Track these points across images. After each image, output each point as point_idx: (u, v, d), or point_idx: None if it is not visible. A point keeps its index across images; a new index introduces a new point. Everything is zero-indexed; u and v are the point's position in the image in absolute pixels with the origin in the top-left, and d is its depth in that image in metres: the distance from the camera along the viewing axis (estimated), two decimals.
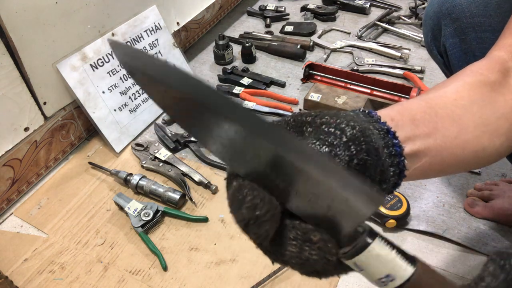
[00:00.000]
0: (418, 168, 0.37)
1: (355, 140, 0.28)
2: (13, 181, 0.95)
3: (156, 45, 1.20)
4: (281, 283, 0.79)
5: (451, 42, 0.69)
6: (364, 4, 1.60)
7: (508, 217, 0.84)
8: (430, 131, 0.37)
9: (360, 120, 0.30)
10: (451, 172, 0.42)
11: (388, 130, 0.33)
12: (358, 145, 0.29)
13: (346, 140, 0.28)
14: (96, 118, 1.04)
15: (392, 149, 0.32)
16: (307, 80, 1.30)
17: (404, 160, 0.33)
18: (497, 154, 0.43)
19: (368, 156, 0.29)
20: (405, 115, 0.37)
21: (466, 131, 0.39)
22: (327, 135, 0.28)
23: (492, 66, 0.45)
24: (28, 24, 0.88)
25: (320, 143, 0.28)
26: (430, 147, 0.37)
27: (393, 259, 0.24)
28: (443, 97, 0.41)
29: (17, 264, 0.84)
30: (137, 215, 0.89)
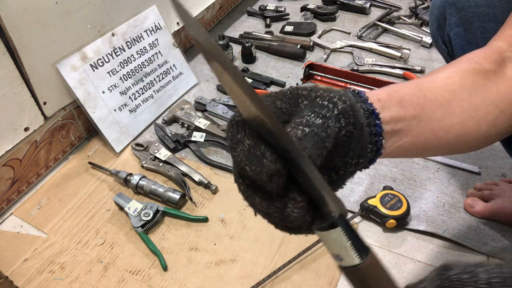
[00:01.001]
0: (399, 147, 0.39)
1: (345, 114, 0.31)
2: (13, 181, 0.95)
3: (156, 45, 1.20)
4: (281, 283, 0.79)
5: (456, 31, 0.70)
6: (364, 4, 1.60)
7: (508, 217, 0.84)
8: (416, 113, 0.39)
9: (350, 97, 0.32)
10: (434, 153, 0.44)
11: (372, 111, 0.35)
12: (347, 118, 0.31)
13: (337, 113, 0.30)
14: (96, 118, 1.04)
15: (373, 128, 0.35)
16: (307, 80, 1.30)
17: (382, 140, 0.36)
18: (482, 139, 0.44)
19: (355, 130, 0.31)
20: (393, 97, 0.39)
21: (452, 115, 0.41)
22: (321, 108, 0.30)
23: (489, 55, 0.46)
24: (28, 24, 0.88)
25: (314, 115, 0.30)
26: (413, 128, 0.39)
27: (345, 247, 0.28)
28: (435, 82, 0.43)
29: (17, 264, 0.84)
30: (137, 215, 0.89)
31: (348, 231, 0.29)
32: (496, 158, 0.99)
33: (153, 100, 1.19)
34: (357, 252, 0.28)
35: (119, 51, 1.11)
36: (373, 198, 0.87)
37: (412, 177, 0.97)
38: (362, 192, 0.94)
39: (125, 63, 1.12)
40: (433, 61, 1.34)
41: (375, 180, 0.96)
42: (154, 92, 1.19)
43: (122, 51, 1.11)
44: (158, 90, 1.20)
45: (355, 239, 0.29)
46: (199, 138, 1.07)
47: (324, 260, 0.81)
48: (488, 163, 0.98)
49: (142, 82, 1.16)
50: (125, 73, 1.12)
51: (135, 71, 1.15)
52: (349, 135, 0.31)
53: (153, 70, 1.19)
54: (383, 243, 0.84)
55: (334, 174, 0.34)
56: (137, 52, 1.15)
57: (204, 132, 1.09)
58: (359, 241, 0.29)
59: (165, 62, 1.23)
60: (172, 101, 1.24)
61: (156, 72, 1.20)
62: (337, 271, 0.80)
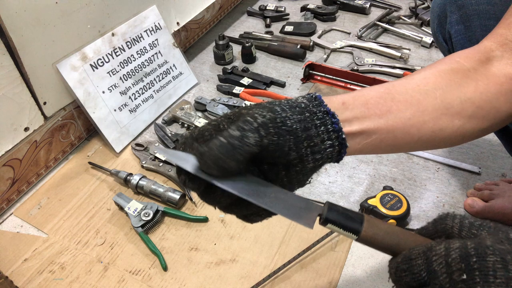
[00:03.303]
0: (369, 143, 0.42)
1: (263, 126, 0.36)
2: (13, 181, 0.95)
3: (156, 45, 1.20)
4: (281, 283, 0.79)
5: (456, 29, 0.70)
6: (364, 4, 1.60)
7: (508, 217, 0.83)
8: (381, 113, 0.42)
9: (275, 110, 0.38)
10: (409, 148, 0.46)
11: (327, 111, 0.40)
12: (266, 129, 0.36)
13: (256, 126, 0.36)
14: (96, 118, 1.04)
15: (330, 126, 0.39)
16: (307, 80, 1.30)
17: (342, 135, 0.40)
18: (457, 135, 0.46)
19: (279, 137, 0.37)
20: (358, 100, 0.42)
21: (423, 113, 0.43)
22: (243, 123, 0.36)
23: (473, 54, 0.47)
24: (28, 24, 0.88)
25: (234, 128, 0.35)
26: (380, 126, 0.42)
27: (341, 232, 0.37)
28: (407, 84, 0.45)
29: (17, 264, 0.84)
30: (137, 215, 0.89)
31: (337, 221, 0.37)
32: (496, 158, 0.99)
33: (153, 100, 1.19)
34: (351, 232, 0.36)
35: (119, 51, 1.11)
36: (373, 198, 0.87)
37: (412, 177, 0.97)
38: (362, 192, 0.94)
39: (125, 63, 1.12)
40: (433, 61, 1.34)
41: (375, 180, 0.96)
42: (154, 92, 1.19)
43: (122, 51, 1.11)
44: (158, 90, 1.20)
45: (345, 224, 0.36)
46: None
47: (324, 260, 0.81)
48: (488, 163, 0.99)
49: (142, 82, 1.16)
50: (125, 73, 1.12)
51: (135, 71, 1.15)
52: (275, 142, 0.37)
53: (153, 70, 1.19)
54: None
55: (293, 171, 0.39)
56: (137, 52, 1.15)
57: None
58: (349, 223, 0.36)
59: (165, 62, 1.23)
60: (172, 101, 1.24)
61: (156, 72, 1.20)
62: (337, 271, 0.80)
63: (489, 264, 0.29)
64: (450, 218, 0.35)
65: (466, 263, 0.30)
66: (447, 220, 0.35)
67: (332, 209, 0.37)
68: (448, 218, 0.35)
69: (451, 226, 0.35)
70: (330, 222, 0.37)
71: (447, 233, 0.35)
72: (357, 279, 0.79)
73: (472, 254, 0.30)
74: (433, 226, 0.36)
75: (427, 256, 0.32)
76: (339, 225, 0.37)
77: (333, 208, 0.38)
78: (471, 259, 0.30)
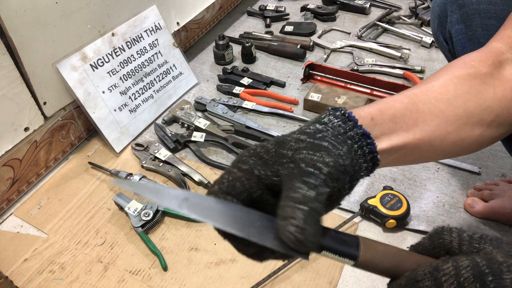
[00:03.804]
0: (395, 158, 0.41)
1: (331, 176, 0.33)
2: (13, 181, 0.95)
3: (156, 45, 1.20)
4: (281, 283, 0.79)
5: (457, 28, 0.70)
6: (364, 4, 1.60)
7: (508, 217, 0.84)
8: (409, 127, 0.41)
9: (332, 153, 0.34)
10: (429, 160, 0.45)
11: (363, 133, 0.37)
12: (334, 180, 0.34)
13: (324, 179, 0.33)
14: (96, 118, 1.04)
15: (366, 148, 0.37)
16: (307, 80, 1.30)
17: (377, 156, 0.38)
18: (476, 143, 0.45)
19: (339, 182, 0.34)
20: (385, 114, 0.40)
21: (446, 123, 0.42)
22: (308, 176, 0.33)
23: (486, 58, 0.46)
24: (28, 24, 0.88)
25: (305, 187, 0.32)
26: (407, 141, 0.41)
27: (338, 258, 0.34)
28: (428, 92, 0.43)
29: (17, 264, 0.84)
30: (137, 215, 0.89)
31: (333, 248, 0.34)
32: (496, 158, 0.99)
33: (153, 100, 1.19)
34: (348, 258, 0.34)
35: (119, 51, 1.11)
36: (373, 198, 0.87)
37: (412, 177, 0.97)
38: (362, 192, 0.94)
39: (125, 63, 1.12)
40: (433, 61, 1.34)
41: (375, 180, 0.96)
42: (154, 92, 1.19)
43: (122, 51, 1.11)
44: (158, 90, 1.20)
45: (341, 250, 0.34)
46: (199, 138, 1.07)
47: (324, 260, 0.81)
48: (488, 163, 0.99)
49: (142, 82, 1.16)
50: (125, 73, 1.12)
51: (135, 71, 1.15)
52: (336, 186, 0.34)
53: (153, 70, 1.19)
54: None
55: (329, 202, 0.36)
56: (137, 52, 1.15)
57: (204, 132, 1.09)
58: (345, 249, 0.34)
59: (165, 62, 1.23)
60: (172, 101, 1.24)
61: (156, 72, 1.20)
62: (337, 271, 0.80)
63: (506, 283, 0.27)
64: (447, 232, 0.34)
65: (481, 282, 0.27)
66: (444, 234, 0.33)
67: (326, 234, 0.34)
68: (445, 232, 0.34)
69: (449, 241, 0.33)
70: (325, 249, 0.34)
71: (446, 248, 0.33)
72: (357, 279, 0.79)
73: (486, 273, 0.28)
74: (430, 241, 0.34)
75: (435, 277, 0.30)
76: (335, 252, 0.34)
77: (326, 233, 0.34)
78: (486, 278, 0.27)
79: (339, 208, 0.90)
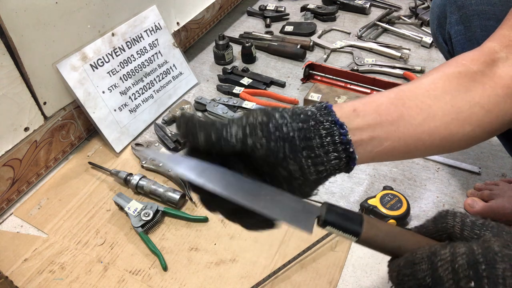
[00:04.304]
0: (381, 151, 0.41)
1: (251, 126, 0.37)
2: (13, 181, 0.95)
3: (156, 45, 1.20)
4: (281, 283, 0.79)
5: (456, 29, 0.70)
6: (364, 4, 1.60)
7: (508, 217, 0.84)
8: (393, 119, 0.41)
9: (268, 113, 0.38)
10: (421, 154, 0.45)
11: (335, 121, 0.38)
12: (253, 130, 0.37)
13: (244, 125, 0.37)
14: (96, 118, 1.04)
15: (337, 137, 0.38)
16: (307, 80, 1.30)
17: (350, 148, 0.38)
18: (467, 139, 0.45)
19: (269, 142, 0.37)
20: (369, 106, 0.41)
21: (433, 119, 0.43)
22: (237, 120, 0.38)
23: (478, 57, 0.47)
24: (28, 24, 0.88)
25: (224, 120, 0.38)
26: (391, 133, 0.41)
27: (341, 234, 0.36)
28: (416, 89, 0.44)
29: (17, 264, 0.84)
30: (137, 215, 0.89)
31: (337, 223, 0.36)
32: (496, 158, 0.99)
33: (153, 100, 1.19)
34: (351, 234, 0.35)
35: (119, 51, 1.11)
36: (373, 198, 0.87)
37: (412, 177, 0.97)
38: (362, 192, 0.94)
39: (125, 63, 1.12)
40: (433, 61, 1.34)
41: (375, 180, 0.96)
42: (154, 92, 1.19)
43: (122, 51, 1.11)
44: (158, 90, 1.20)
45: (345, 226, 0.36)
46: None
47: (324, 260, 0.81)
48: (488, 163, 0.99)
49: (142, 82, 1.16)
50: (125, 73, 1.12)
51: (135, 71, 1.15)
52: (264, 144, 0.37)
53: (153, 70, 1.19)
54: None
55: (294, 182, 0.39)
56: (137, 52, 1.15)
57: None
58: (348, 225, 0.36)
59: (165, 62, 1.23)
60: (172, 101, 1.24)
61: (156, 72, 1.20)
62: (337, 271, 0.80)
63: (498, 272, 0.29)
64: (451, 216, 0.35)
65: (475, 270, 0.29)
66: (448, 218, 0.35)
67: (331, 210, 0.36)
68: (449, 216, 0.35)
69: (452, 225, 0.34)
70: (329, 224, 0.36)
71: (448, 232, 0.35)
72: (357, 279, 0.79)
73: (480, 261, 0.29)
74: (434, 224, 0.36)
75: (432, 261, 0.31)
76: (338, 227, 0.36)
77: (331, 209, 0.36)
78: (479, 266, 0.29)
79: None
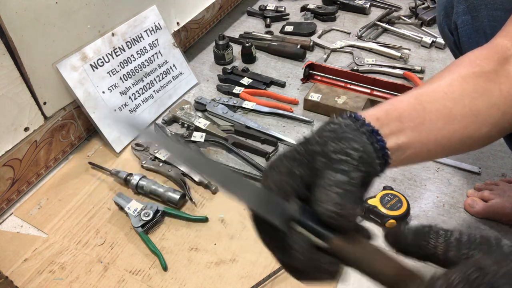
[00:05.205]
0: (404, 158, 0.41)
1: (362, 161, 0.35)
2: (13, 181, 0.95)
3: (156, 45, 1.20)
4: (281, 283, 0.79)
5: (463, 19, 0.70)
6: (364, 4, 1.60)
7: (508, 217, 0.84)
8: (415, 126, 0.41)
9: (360, 140, 0.36)
10: (437, 157, 0.46)
11: (372, 130, 0.38)
12: (365, 165, 0.35)
13: (356, 164, 0.35)
14: (96, 118, 1.04)
15: (376, 144, 0.37)
16: (307, 80, 1.30)
17: (387, 152, 0.38)
18: (484, 140, 0.45)
19: (369, 167, 0.36)
20: (391, 114, 0.41)
21: (453, 122, 0.42)
22: (338, 163, 0.34)
23: (491, 55, 0.46)
24: (28, 24, 0.88)
25: (337, 174, 0.34)
26: (415, 140, 0.41)
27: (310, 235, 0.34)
28: (434, 92, 0.44)
29: (17, 264, 0.84)
30: (137, 215, 0.89)
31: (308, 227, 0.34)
32: (496, 158, 0.99)
33: (153, 100, 1.19)
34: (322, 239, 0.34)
35: (119, 51, 1.11)
36: (373, 198, 0.87)
37: (412, 177, 0.97)
38: None
39: (125, 63, 1.12)
40: (433, 61, 1.34)
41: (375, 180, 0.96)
42: (154, 92, 1.19)
43: (122, 51, 1.11)
44: (158, 90, 1.20)
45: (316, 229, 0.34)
46: (199, 138, 1.07)
47: None
48: (488, 163, 0.99)
49: (142, 82, 1.16)
50: (125, 73, 1.12)
51: (135, 71, 1.15)
52: (369, 170, 0.36)
53: (153, 70, 1.19)
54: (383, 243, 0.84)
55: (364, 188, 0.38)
56: (137, 52, 1.15)
57: (204, 132, 1.09)
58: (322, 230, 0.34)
59: (165, 62, 1.23)
60: (172, 101, 1.24)
61: (156, 72, 1.20)
62: None
63: None
64: (433, 235, 0.32)
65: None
66: (431, 237, 0.32)
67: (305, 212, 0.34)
68: (432, 235, 0.32)
69: (434, 246, 0.32)
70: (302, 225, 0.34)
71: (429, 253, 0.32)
72: (357, 279, 0.79)
73: None
74: (414, 240, 0.33)
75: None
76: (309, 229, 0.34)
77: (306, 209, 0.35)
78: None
79: None
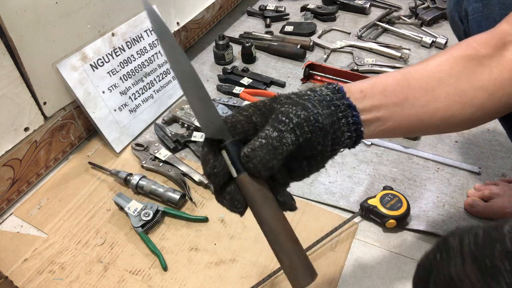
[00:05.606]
0: (384, 130, 0.44)
1: (299, 126, 0.38)
2: (13, 181, 0.95)
3: (156, 45, 1.20)
4: (281, 283, 0.79)
5: (474, 6, 0.70)
6: (364, 4, 1.60)
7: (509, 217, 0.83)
8: (398, 101, 0.44)
9: (308, 108, 0.39)
10: (419, 133, 0.51)
11: (349, 104, 0.41)
12: (301, 129, 0.38)
13: (292, 127, 0.38)
14: (96, 118, 1.04)
15: (350, 119, 0.41)
16: (307, 80, 1.30)
17: (360, 128, 0.42)
18: (468, 121, 0.47)
19: (312, 134, 0.39)
20: (376, 87, 0.44)
21: (436, 100, 0.44)
22: (279, 123, 0.38)
23: (489, 40, 0.47)
24: (28, 24, 0.88)
25: (272, 129, 0.38)
26: (396, 114, 0.44)
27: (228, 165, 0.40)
28: (422, 70, 0.46)
29: (17, 264, 0.84)
30: (137, 215, 0.89)
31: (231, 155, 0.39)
32: (496, 158, 0.99)
33: (153, 100, 1.19)
34: (235, 169, 0.39)
35: (119, 51, 1.11)
36: (373, 198, 0.87)
37: (412, 177, 0.97)
38: (362, 192, 0.94)
39: (125, 63, 1.12)
40: None
41: (375, 180, 0.96)
42: (154, 92, 1.19)
43: (122, 51, 1.11)
44: (158, 90, 1.20)
45: (236, 161, 0.39)
46: (199, 138, 1.07)
47: (324, 260, 0.81)
48: (488, 163, 0.99)
49: (142, 82, 1.16)
50: (125, 73, 1.12)
51: (135, 71, 1.15)
52: (308, 139, 0.39)
53: (153, 70, 1.19)
54: (383, 243, 0.84)
55: (313, 161, 0.42)
56: (137, 52, 1.15)
57: None
58: (238, 163, 0.39)
59: (165, 62, 1.23)
60: (172, 101, 1.24)
61: (156, 72, 1.20)
62: (337, 271, 0.80)
63: None
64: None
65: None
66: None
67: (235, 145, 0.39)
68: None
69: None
70: (226, 150, 0.39)
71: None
72: (357, 279, 0.79)
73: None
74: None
75: None
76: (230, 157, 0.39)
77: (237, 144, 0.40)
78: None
79: (339, 208, 0.90)
